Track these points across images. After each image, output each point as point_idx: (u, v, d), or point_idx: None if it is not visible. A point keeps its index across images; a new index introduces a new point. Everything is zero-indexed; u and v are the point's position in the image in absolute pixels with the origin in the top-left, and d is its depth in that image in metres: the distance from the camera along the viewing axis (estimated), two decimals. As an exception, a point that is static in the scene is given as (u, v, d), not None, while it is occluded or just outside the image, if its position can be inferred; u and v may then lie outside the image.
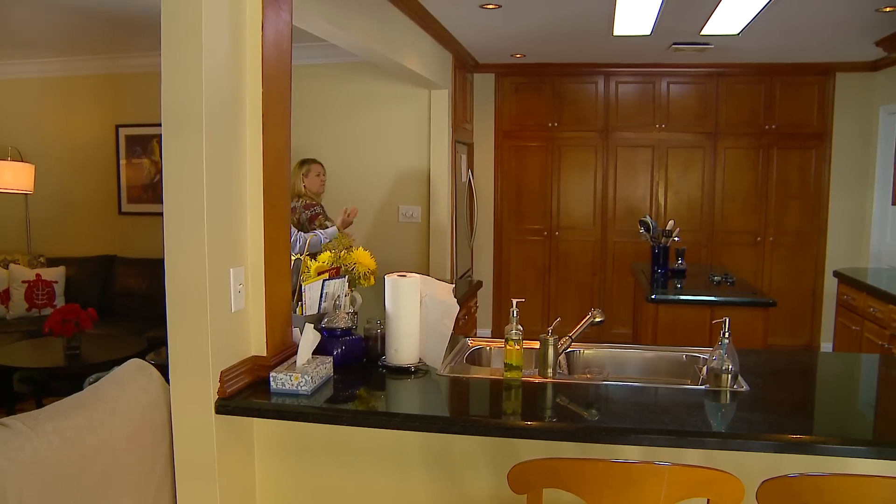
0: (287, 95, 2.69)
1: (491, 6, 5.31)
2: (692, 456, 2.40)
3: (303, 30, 4.12)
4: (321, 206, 5.39)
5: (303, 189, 5.36)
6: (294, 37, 2.80)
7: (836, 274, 6.54)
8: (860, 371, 3.33)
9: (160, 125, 2.30)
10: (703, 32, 6.05)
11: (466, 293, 5.26)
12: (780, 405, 2.56)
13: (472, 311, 5.64)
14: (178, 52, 2.27)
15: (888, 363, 3.67)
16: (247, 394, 2.47)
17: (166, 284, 2.35)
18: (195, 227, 2.30)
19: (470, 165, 7.87)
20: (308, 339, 2.56)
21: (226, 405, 2.40)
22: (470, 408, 2.68)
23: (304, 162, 5.45)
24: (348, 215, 5.16)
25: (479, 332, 6.93)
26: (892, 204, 6.36)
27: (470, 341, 3.25)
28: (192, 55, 2.25)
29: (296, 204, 5.30)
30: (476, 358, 3.17)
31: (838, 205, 7.75)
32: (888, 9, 5.26)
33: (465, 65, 7.39)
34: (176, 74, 2.28)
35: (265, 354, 2.60)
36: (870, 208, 7.60)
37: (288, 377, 2.46)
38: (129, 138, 7.46)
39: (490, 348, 3.22)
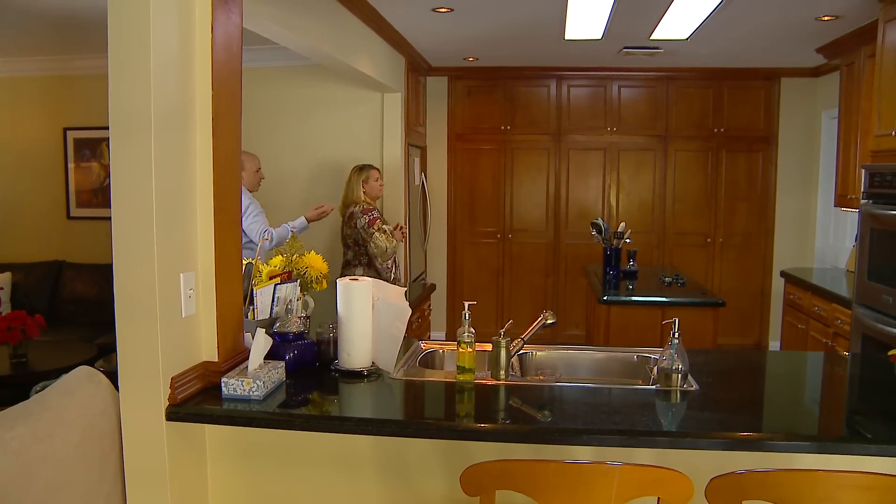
0: (237, 98, 2.66)
1: (443, 10, 5.32)
2: (644, 455, 2.43)
3: (254, 32, 4.09)
4: (378, 209, 5.51)
5: (362, 195, 5.49)
6: (245, 39, 2.77)
7: (782, 274, 6.68)
8: (806, 369, 3.40)
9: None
10: (652, 37, 6.14)
11: (420, 296, 5.26)
12: (729, 403, 2.61)
13: (426, 313, 5.64)
14: (125, 55, 2.24)
15: (832, 360, 3.75)
16: (198, 400, 2.44)
17: (115, 290, 2.31)
18: (144, 231, 2.27)
19: (423, 168, 7.88)
20: (260, 343, 2.55)
21: (177, 412, 2.37)
22: (423, 411, 2.68)
23: (362, 168, 5.58)
24: (322, 211, 5.35)
25: (433, 334, 6.93)
26: (835, 205, 6.50)
27: (423, 344, 3.25)
28: (139, 57, 2.22)
29: (353, 210, 5.44)
30: (429, 361, 3.17)
31: (784, 206, 7.92)
32: (826, 18, 5.41)
33: (417, 68, 7.39)
34: (123, 77, 2.24)
35: (216, 360, 2.57)
36: (814, 210, 7.78)
37: (239, 382, 2.44)
38: (77, 141, 7.33)
39: (443, 351, 3.23)
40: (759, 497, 1.90)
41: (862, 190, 4.76)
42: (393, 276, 5.45)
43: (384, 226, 5.38)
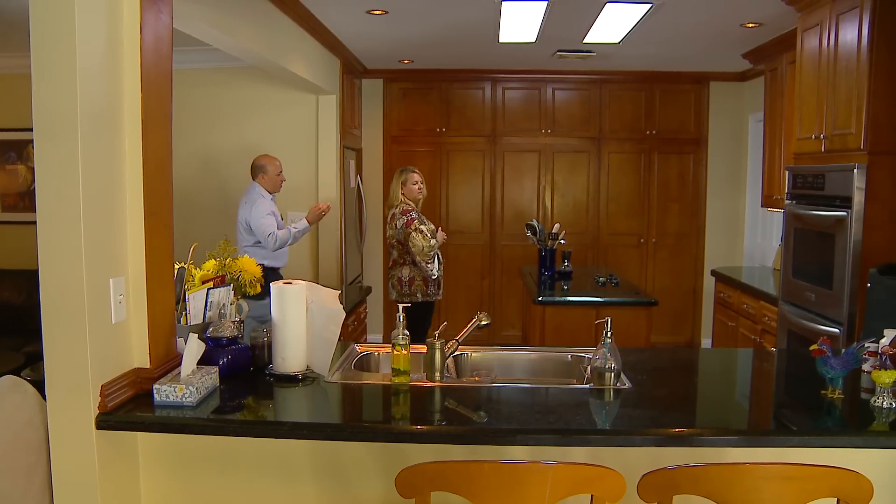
0: (168, 100, 2.62)
1: (377, 12, 5.32)
2: (578, 453, 2.46)
3: (186, 34, 4.04)
4: (415, 210, 5.70)
5: (401, 197, 5.76)
6: (177, 40, 2.73)
7: (713, 273, 6.84)
8: (736, 365, 3.49)
9: (35, 130, 2.21)
10: (585, 41, 6.23)
11: (356, 299, 5.24)
12: (661, 401, 2.66)
13: (362, 316, 5.62)
14: (49, 55, 2.18)
15: (760, 356, 3.86)
16: (129, 407, 2.39)
17: (41, 296, 2.26)
18: (71, 236, 2.22)
19: (358, 171, 7.85)
20: (192, 349, 2.51)
21: (107, 420, 2.32)
22: (358, 414, 2.68)
23: (402, 171, 5.88)
24: (320, 211, 5.60)
25: (370, 337, 6.92)
26: (762, 206, 6.68)
27: (358, 347, 3.24)
28: (64, 58, 2.17)
29: (394, 211, 5.72)
30: (364, 364, 3.16)
31: (714, 207, 8.10)
32: (750, 25, 5.57)
33: (352, 70, 7.37)
34: (48, 78, 2.19)
35: (148, 366, 2.53)
36: (743, 210, 7.98)
37: (172, 389, 2.40)
38: (1, 143, 7.11)
39: (378, 353, 3.22)
40: (690, 491, 1.94)
41: (786, 191, 4.90)
42: (437, 274, 5.68)
43: (421, 226, 5.59)
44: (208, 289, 2.92)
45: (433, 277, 5.68)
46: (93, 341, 2.27)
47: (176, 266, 2.83)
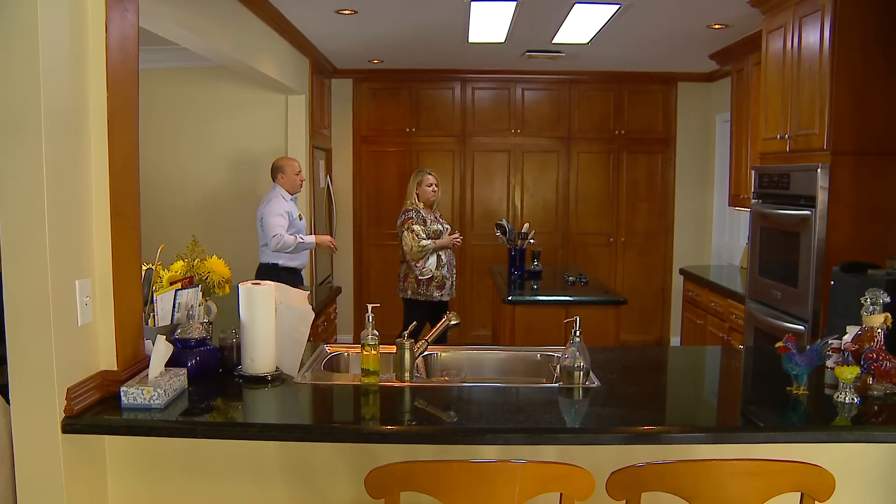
0: (134, 100, 2.60)
1: (347, 12, 5.31)
2: (548, 452, 2.48)
3: (153, 33, 4.00)
4: (417, 211, 5.91)
5: (416, 198, 5.97)
6: (144, 40, 2.71)
7: (681, 272, 6.90)
8: (704, 363, 3.53)
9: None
10: (554, 41, 6.26)
11: (325, 299, 5.23)
12: (630, 399, 2.68)
13: (332, 317, 5.61)
14: (11, 53, 2.15)
15: (728, 354, 3.91)
16: (96, 410, 2.37)
17: (5, 299, 2.22)
18: (36, 237, 2.19)
19: (328, 171, 7.83)
20: (160, 351, 2.49)
21: (73, 423, 2.29)
22: (328, 414, 2.67)
23: (418, 172, 6.07)
24: (329, 245, 5.92)
25: (340, 337, 6.90)
26: (729, 205, 6.76)
27: (328, 347, 3.23)
28: (27, 56, 2.14)
29: (403, 209, 6.02)
30: (334, 364, 3.15)
31: (683, 206, 8.18)
32: (717, 26, 5.63)
33: (322, 70, 7.34)
34: (10, 76, 2.16)
35: (116, 368, 2.50)
36: (711, 209, 8.06)
37: (140, 391, 2.37)
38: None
39: (348, 354, 3.21)
40: (658, 488, 1.96)
41: (752, 190, 4.96)
42: (430, 275, 5.90)
43: (415, 226, 5.83)
44: (176, 290, 2.90)
45: (422, 277, 5.86)
46: (58, 344, 2.24)
47: (143, 267, 2.81)
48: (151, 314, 2.84)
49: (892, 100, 4.03)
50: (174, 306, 2.88)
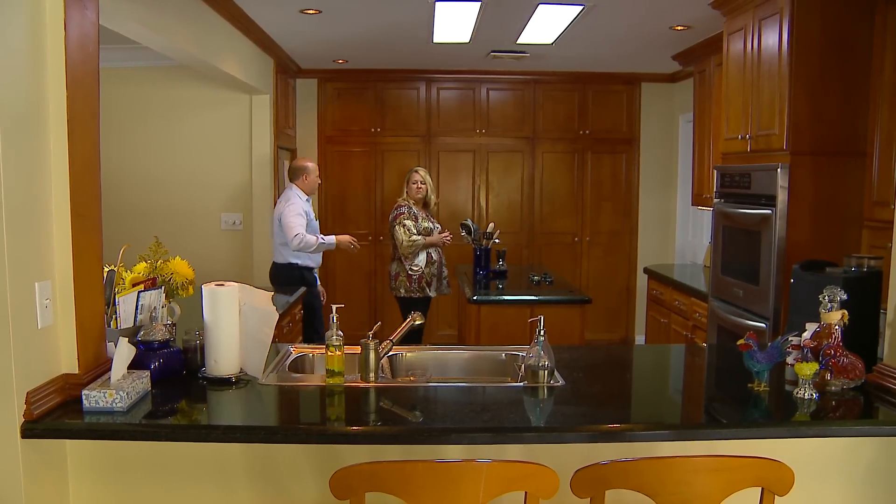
0: (95, 99, 2.56)
1: (311, 11, 5.29)
2: (513, 451, 2.49)
3: (115, 31, 3.96)
4: (407, 207, 6.13)
5: (405, 194, 6.23)
6: (106, 38, 2.68)
7: (646, 270, 6.96)
8: (669, 360, 3.57)
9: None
10: (519, 41, 6.29)
11: (290, 300, 5.20)
12: (595, 397, 2.70)
13: (297, 318, 5.58)
14: (-32, 53, 2.12)
15: (692, 352, 3.96)
16: (57, 414, 2.33)
17: (-38, 302, 2.19)
18: (-7, 239, 2.15)
19: (294, 171, 7.78)
20: (122, 353, 2.46)
21: (33, 428, 2.25)
22: (292, 416, 2.66)
23: (410, 170, 6.35)
24: (351, 243, 6.03)
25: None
26: (692, 204, 6.83)
27: (293, 348, 3.22)
28: (-17, 56, 2.11)
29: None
30: (299, 365, 3.14)
31: (647, 205, 8.25)
32: (679, 27, 5.69)
33: (286, 70, 7.31)
34: (-34, 76, 2.12)
35: (77, 372, 2.46)
36: (674, 208, 8.14)
37: (101, 394, 2.34)
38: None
39: (313, 355, 3.20)
40: (622, 485, 1.98)
41: (715, 189, 5.02)
42: (419, 272, 6.05)
43: (406, 221, 6.03)
44: (139, 291, 2.87)
45: (413, 274, 6.04)
46: (17, 347, 2.21)
47: (106, 269, 2.77)
48: (114, 316, 2.81)
49: (847, 101, 4.10)
50: (137, 308, 2.85)
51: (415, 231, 6.01)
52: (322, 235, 5.87)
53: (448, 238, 6.13)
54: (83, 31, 2.46)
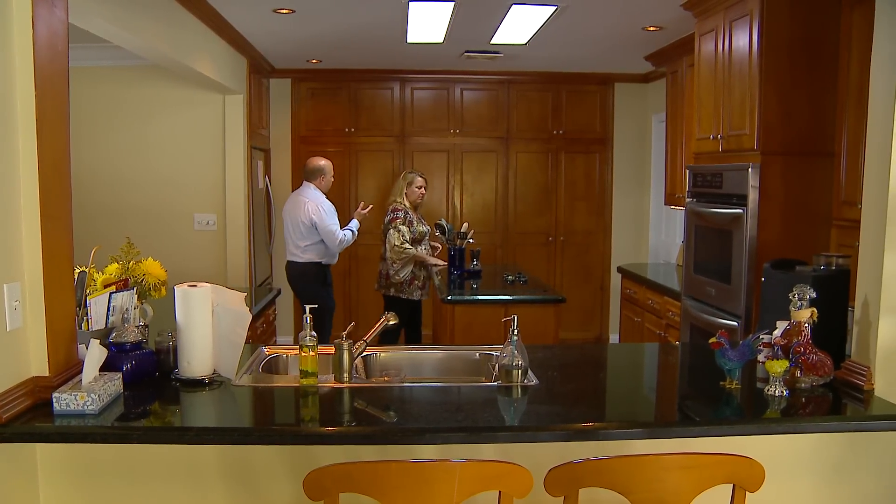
0: (64, 99, 2.54)
1: (284, 11, 5.26)
2: (487, 450, 2.50)
3: (86, 30, 3.92)
4: (405, 211, 6.17)
5: (404, 198, 6.25)
6: (76, 37, 2.65)
7: (619, 270, 7.00)
8: (642, 359, 3.59)
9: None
10: (492, 41, 6.30)
11: (264, 301, 5.18)
12: (569, 396, 2.72)
13: (271, 318, 5.56)
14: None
15: (665, 350, 3.98)
16: (27, 418, 2.30)
17: (-71, 304, 2.16)
18: (-39, 240, 2.13)
19: (267, 171, 7.76)
20: (94, 355, 2.44)
21: (2, 432, 2.22)
22: (266, 417, 2.65)
23: (409, 173, 6.40)
24: (364, 209, 6.28)
25: (280, 339, 6.83)
26: (665, 204, 6.88)
27: (266, 349, 3.20)
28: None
29: (390, 207, 6.27)
30: (273, 366, 3.13)
31: (620, 205, 8.30)
32: (652, 28, 5.73)
33: (260, 69, 7.27)
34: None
35: (48, 374, 2.43)
36: (647, 208, 8.20)
37: (73, 397, 2.32)
38: None
39: (287, 356, 3.19)
40: (595, 484, 1.99)
41: (687, 189, 5.05)
42: (401, 278, 6.18)
43: (402, 226, 6.07)
44: (111, 293, 2.84)
45: (395, 278, 6.14)
46: (-14, 350, 2.19)
47: (77, 270, 2.75)
48: (85, 318, 2.78)
49: (816, 102, 4.15)
50: (108, 309, 2.82)
51: (408, 238, 6.06)
52: (348, 228, 6.15)
53: (441, 265, 6.23)
54: (52, 29, 2.44)
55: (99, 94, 6.62)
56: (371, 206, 6.42)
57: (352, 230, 6.09)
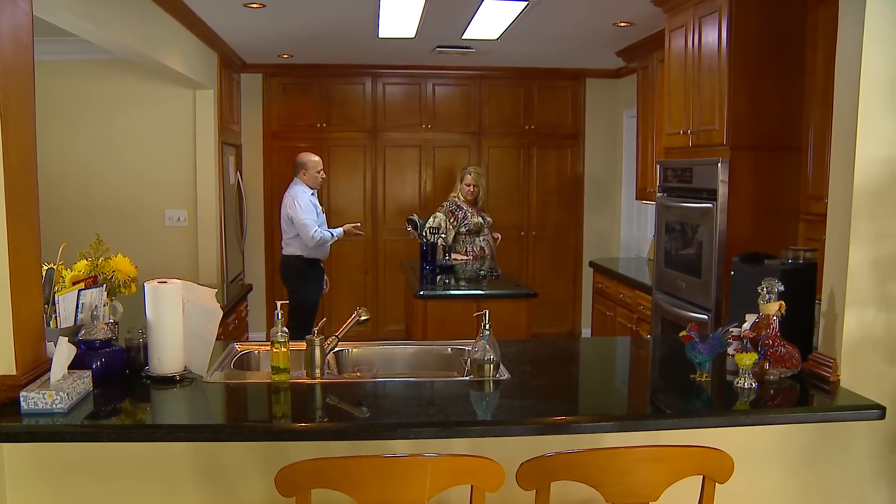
0: (30, 93, 2.51)
1: (255, 5, 5.23)
2: (460, 445, 2.50)
3: (52, 24, 3.87)
4: (457, 204, 6.39)
5: (458, 193, 6.44)
6: (42, 30, 2.61)
7: (591, 264, 7.04)
8: (615, 353, 3.62)
9: None
10: (464, 37, 6.30)
11: (236, 297, 5.15)
12: (541, 390, 2.73)
13: (243, 314, 5.53)
14: None
15: (637, 344, 4.02)
16: (-6, 417, 2.28)
17: None
18: (-75, 238, 2.10)
19: (238, 167, 7.71)
20: (62, 353, 2.41)
21: (-32, 432, 2.20)
22: (238, 413, 2.64)
23: (463, 169, 6.58)
24: (357, 231, 6.25)
25: (252, 335, 6.80)
26: (637, 198, 6.93)
27: (238, 346, 3.19)
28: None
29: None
30: (245, 362, 3.11)
31: (592, 200, 8.34)
32: (622, 24, 5.76)
33: (231, 64, 7.22)
34: None
35: (15, 373, 2.40)
36: (619, 203, 8.24)
37: (41, 395, 2.29)
38: None
39: (259, 352, 3.17)
40: (566, 477, 2.01)
41: (658, 184, 5.09)
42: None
43: (450, 224, 6.32)
44: (80, 290, 2.82)
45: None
46: (-48, 348, 2.16)
47: (44, 267, 2.72)
48: (53, 315, 2.75)
49: (784, 98, 4.20)
50: (77, 307, 2.80)
51: (451, 231, 6.30)
52: (330, 230, 6.08)
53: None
54: (16, 22, 2.40)
55: (67, 88, 6.54)
56: (362, 234, 6.55)
57: (332, 234, 6.05)
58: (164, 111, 6.72)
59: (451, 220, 6.30)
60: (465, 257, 6.31)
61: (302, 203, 5.89)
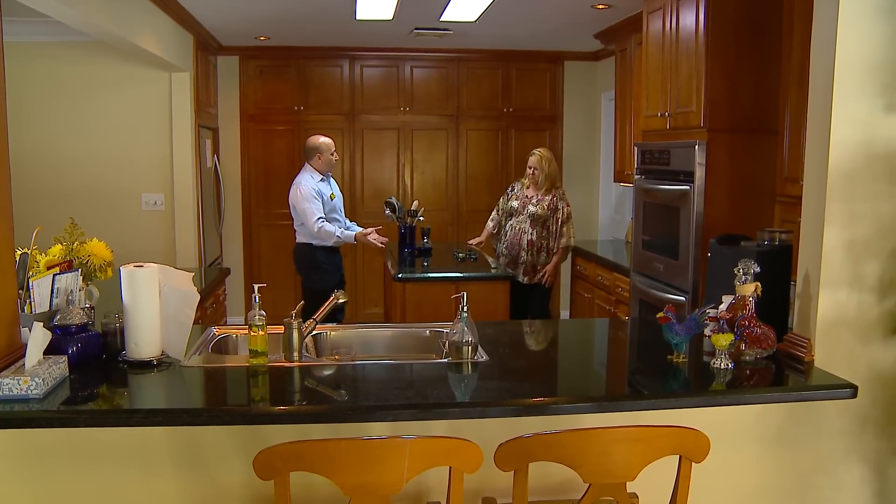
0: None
1: (231, -14, 5.18)
2: (439, 427, 2.51)
3: (23, 4, 3.81)
4: (514, 190, 6.21)
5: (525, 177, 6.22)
6: (12, 10, 2.57)
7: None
8: (593, 335, 3.64)
9: None
10: (442, 18, 6.27)
11: (214, 281, 5.12)
12: (519, 372, 2.75)
13: (221, 298, 5.51)
14: None
15: (615, 325, 4.04)
16: (-33, 403, 2.26)
17: None
18: None
19: (215, 150, 7.65)
20: (37, 338, 2.39)
21: (-60, 419, 2.18)
22: (216, 397, 2.64)
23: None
24: (371, 239, 5.79)
25: (230, 319, 6.76)
26: (615, 181, 6.95)
27: (216, 329, 3.18)
28: None
29: None
30: (223, 346, 3.11)
31: (570, 182, 8.32)
32: (601, 6, 5.75)
33: (207, 47, 7.15)
34: None
35: (-12, 359, 2.39)
36: (597, 185, 8.26)
37: (15, 381, 2.27)
38: None
39: (237, 336, 3.17)
40: (544, 458, 2.02)
41: (636, 166, 5.11)
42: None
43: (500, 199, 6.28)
44: (54, 275, 2.79)
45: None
46: (-76, 334, 2.13)
47: (18, 252, 2.69)
48: (28, 300, 2.72)
49: (761, 81, 4.22)
50: (52, 292, 2.77)
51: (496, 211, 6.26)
52: (338, 228, 5.79)
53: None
54: (-15, 4, 2.37)
55: (38, 70, 6.45)
56: (384, 243, 5.87)
57: (337, 234, 5.72)
58: (139, 94, 6.65)
59: (501, 199, 6.28)
60: (480, 239, 6.28)
61: (304, 191, 5.72)
